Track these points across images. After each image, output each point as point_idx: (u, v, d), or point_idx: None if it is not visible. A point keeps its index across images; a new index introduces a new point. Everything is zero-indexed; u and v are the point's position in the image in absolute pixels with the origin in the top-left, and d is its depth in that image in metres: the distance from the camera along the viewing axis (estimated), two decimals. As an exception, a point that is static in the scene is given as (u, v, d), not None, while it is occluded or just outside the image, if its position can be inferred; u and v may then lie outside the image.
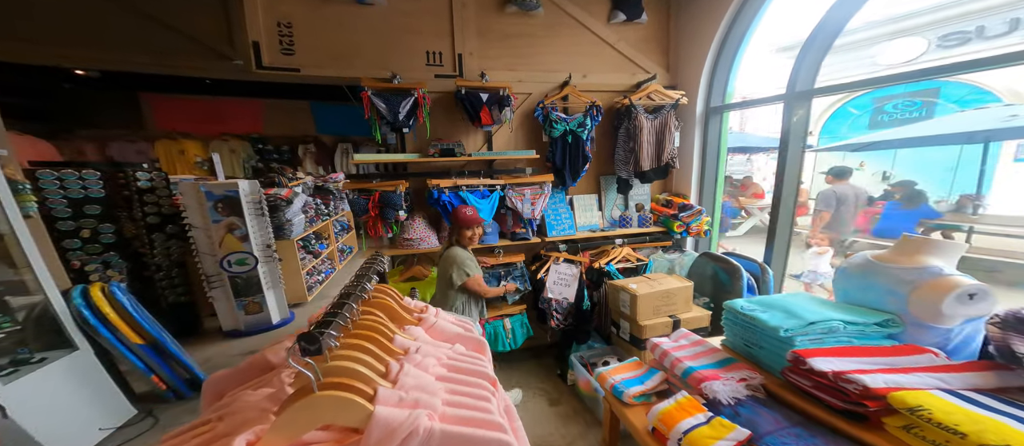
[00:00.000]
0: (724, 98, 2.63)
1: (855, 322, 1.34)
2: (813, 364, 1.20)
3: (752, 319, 1.48)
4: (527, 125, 2.92)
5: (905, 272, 1.32)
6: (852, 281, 1.52)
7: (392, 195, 2.62)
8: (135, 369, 2.58)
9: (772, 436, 1.16)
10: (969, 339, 1.25)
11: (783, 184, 2.16)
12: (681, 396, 1.46)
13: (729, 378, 1.42)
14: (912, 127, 6.10)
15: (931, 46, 6.91)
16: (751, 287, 2.27)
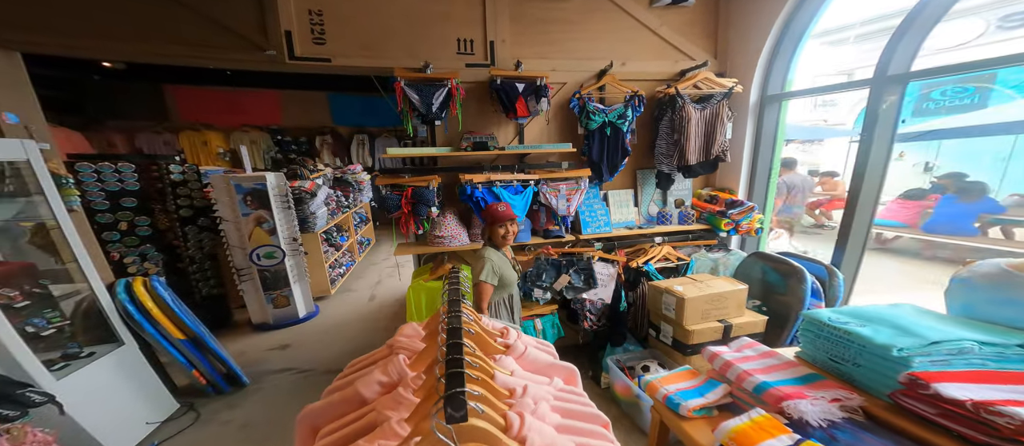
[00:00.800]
0: (784, 85, 2.42)
1: (992, 343, 1.16)
2: (941, 390, 1.05)
3: (847, 334, 1.33)
4: (560, 117, 2.78)
5: None
6: (981, 294, 1.34)
7: (425, 191, 2.53)
8: (175, 363, 2.59)
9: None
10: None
11: (863, 178, 1.96)
12: (756, 414, 1.32)
13: (818, 397, 1.27)
14: (968, 115, 5.68)
15: (990, 27, 6.39)
16: (816, 292, 2.11)
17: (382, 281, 5.37)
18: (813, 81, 2.20)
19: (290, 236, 3.87)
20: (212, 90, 6.51)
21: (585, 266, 2.33)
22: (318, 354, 3.45)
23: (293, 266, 3.94)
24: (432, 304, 2.67)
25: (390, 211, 2.59)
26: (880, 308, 1.47)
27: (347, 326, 4.01)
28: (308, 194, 4.23)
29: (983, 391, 1.03)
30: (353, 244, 5.98)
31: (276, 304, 3.93)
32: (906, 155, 7.93)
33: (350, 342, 3.66)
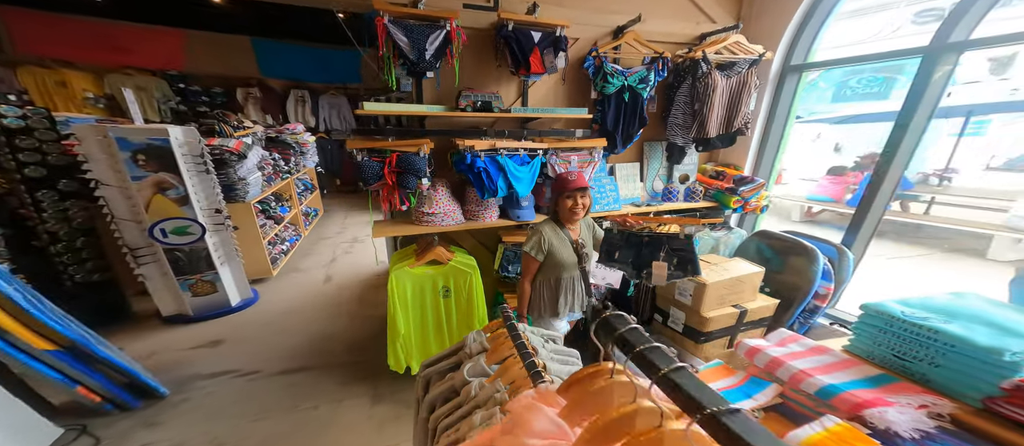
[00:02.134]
0: (808, 55, 2.32)
1: None
2: None
3: (934, 331, 1.22)
4: (570, 78, 2.43)
5: None
6: None
7: (414, 158, 2.06)
8: (48, 379, 1.91)
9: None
10: None
11: (893, 158, 1.94)
12: (830, 422, 1.17)
13: (905, 404, 1.17)
14: (876, 103, 6.41)
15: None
16: (826, 274, 2.12)
17: (338, 258, 4.71)
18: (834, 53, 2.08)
19: (211, 207, 3.09)
20: (70, 19, 4.99)
21: (684, 247, 1.68)
22: (266, 350, 2.88)
23: (218, 244, 3.19)
24: (419, 295, 2.27)
25: (368, 182, 2.09)
26: (949, 299, 1.40)
27: (298, 313, 3.41)
28: (234, 155, 3.41)
29: None
30: (297, 216, 5.14)
31: (196, 291, 3.19)
32: (823, 136, 8.91)
33: (305, 333, 3.10)
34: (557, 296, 1.86)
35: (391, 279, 2.20)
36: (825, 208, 6.08)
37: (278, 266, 4.21)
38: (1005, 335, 1.13)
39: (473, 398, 1.04)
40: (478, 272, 2.27)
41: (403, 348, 2.32)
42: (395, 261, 2.36)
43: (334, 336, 3.04)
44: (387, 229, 2.28)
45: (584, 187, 1.73)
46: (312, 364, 2.69)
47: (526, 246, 1.79)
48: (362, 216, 6.64)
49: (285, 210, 4.67)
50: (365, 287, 3.90)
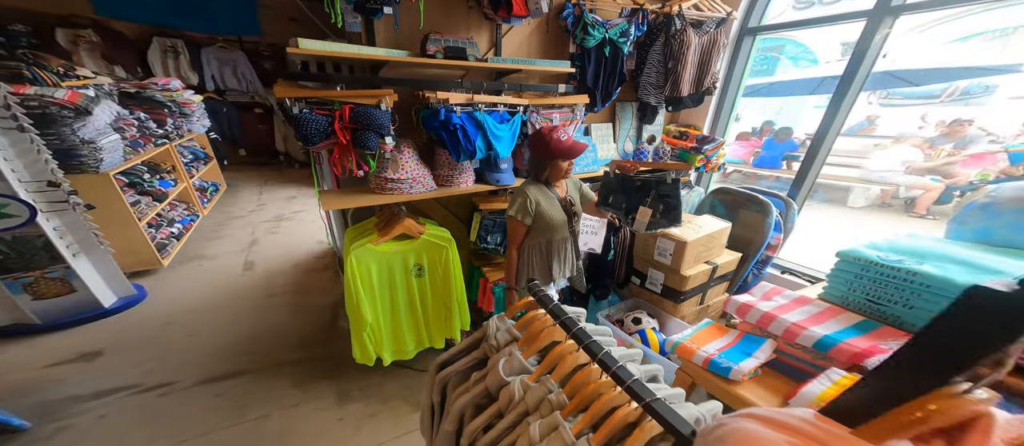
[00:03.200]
0: (762, 19, 2.41)
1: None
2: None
3: (911, 273, 1.25)
4: (544, 28, 2.21)
5: None
6: (1004, 218, 1.37)
7: (374, 112, 1.70)
8: None
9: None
10: None
11: (834, 116, 2.13)
12: (836, 375, 1.19)
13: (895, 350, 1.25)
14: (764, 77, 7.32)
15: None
16: (777, 225, 2.32)
17: (260, 240, 3.98)
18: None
19: (38, 178, 2.30)
20: None
21: (670, 192, 1.60)
22: (174, 357, 2.35)
23: (62, 228, 2.44)
24: (387, 276, 1.98)
25: (310, 141, 1.68)
26: (912, 241, 1.47)
27: (215, 310, 2.82)
28: (68, 110, 2.53)
29: None
30: (188, 192, 4.18)
31: (39, 292, 2.45)
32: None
33: (230, 332, 2.58)
34: (550, 261, 1.78)
35: (349, 261, 1.86)
36: (736, 169, 6.88)
37: (169, 254, 3.42)
38: (980, 273, 1.19)
39: (518, 403, 0.87)
40: (454, 245, 2.04)
41: (371, 338, 2.03)
42: (351, 239, 2.01)
43: (272, 332, 2.57)
44: (339, 200, 1.90)
45: (585, 147, 1.64)
46: (248, 367, 2.24)
47: (511, 209, 1.66)
48: (283, 190, 5.73)
49: (168, 184, 3.75)
50: (303, 272, 3.37)
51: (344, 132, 1.70)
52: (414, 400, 2.09)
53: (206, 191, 4.80)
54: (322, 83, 1.73)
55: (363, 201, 1.92)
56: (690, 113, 2.73)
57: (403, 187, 1.95)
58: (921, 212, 5.11)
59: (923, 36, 7.67)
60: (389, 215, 2.02)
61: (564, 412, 0.79)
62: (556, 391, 0.84)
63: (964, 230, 1.49)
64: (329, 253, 3.65)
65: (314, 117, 1.64)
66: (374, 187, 1.98)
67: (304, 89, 1.66)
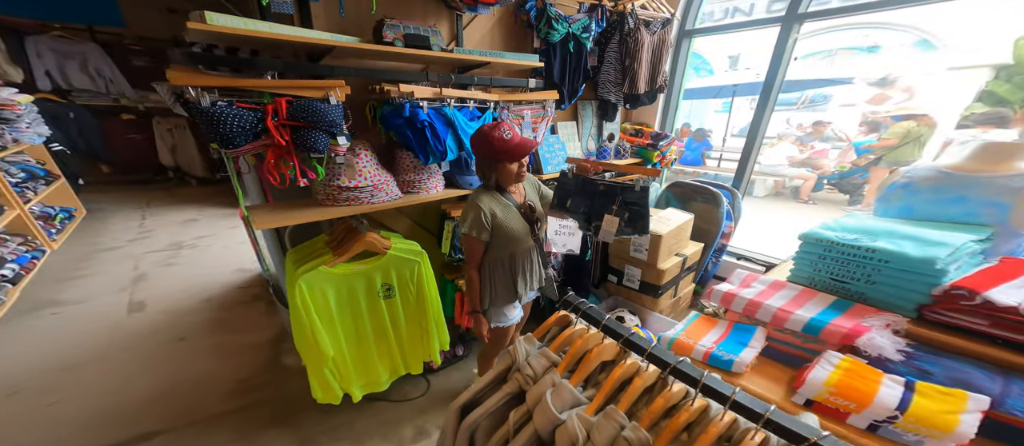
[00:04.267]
0: (695, 22, 2.58)
1: (967, 242, 1.25)
2: (993, 297, 1.08)
3: (871, 251, 1.31)
4: (506, 22, 2.09)
5: (1008, 179, 1.33)
6: (922, 195, 1.51)
7: (322, 107, 1.41)
8: None
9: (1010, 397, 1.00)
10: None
11: (764, 112, 2.35)
12: (836, 359, 1.20)
13: (880, 327, 1.20)
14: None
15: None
16: (729, 214, 2.49)
17: (148, 275, 3.19)
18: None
19: None
20: None
21: (638, 200, 1.53)
22: (24, 437, 1.73)
23: None
24: (348, 302, 1.67)
25: (231, 142, 1.31)
26: (858, 221, 1.54)
27: (87, 368, 2.18)
28: None
29: (1011, 292, 1.08)
30: (23, 221, 3.22)
31: None
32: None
33: (117, 390, 2.04)
34: (514, 277, 1.57)
35: (297, 290, 1.53)
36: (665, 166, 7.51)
37: (3, 305, 2.56)
38: (930, 246, 1.26)
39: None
40: (427, 258, 1.80)
41: (334, 373, 1.69)
42: (294, 263, 1.66)
43: (194, 381, 2.07)
44: (276, 216, 1.55)
45: (535, 144, 1.45)
46: (160, 428, 1.77)
47: (464, 226, 1.47)
48: (177, 212, 4.73)
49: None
50: (223, 307, 2.77)
51: (281, 130, 1.38)
52: (395, 436, 1.80)
53: (53, 219, 3.74)
54: (233, 71, 1.38)
55: (310, 216, 1.59)
56: (641, 112, 2.83)
57: (362, 196, 1.66)
58: (804, 198, 6.07)
59: (787, 51, 9.22)
60: (345, 231, 1.71)
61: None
62: (630, 426, 0.69)
63: (889, 207, 1.63)
64: (258, 282, 3.06)
65: (236, 112, 1.28)
66: (323, 198, 1.66)
67: (213, 77, 1.29)
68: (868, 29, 8.44)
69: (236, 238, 3.93)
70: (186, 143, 6.01)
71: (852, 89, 8.26)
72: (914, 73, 8.09)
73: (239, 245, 3.75)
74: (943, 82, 7.77)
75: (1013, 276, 1.20)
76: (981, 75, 7.56)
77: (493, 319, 1.65)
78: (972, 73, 7.66)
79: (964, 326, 1.16)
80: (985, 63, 7.54)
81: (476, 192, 1.51)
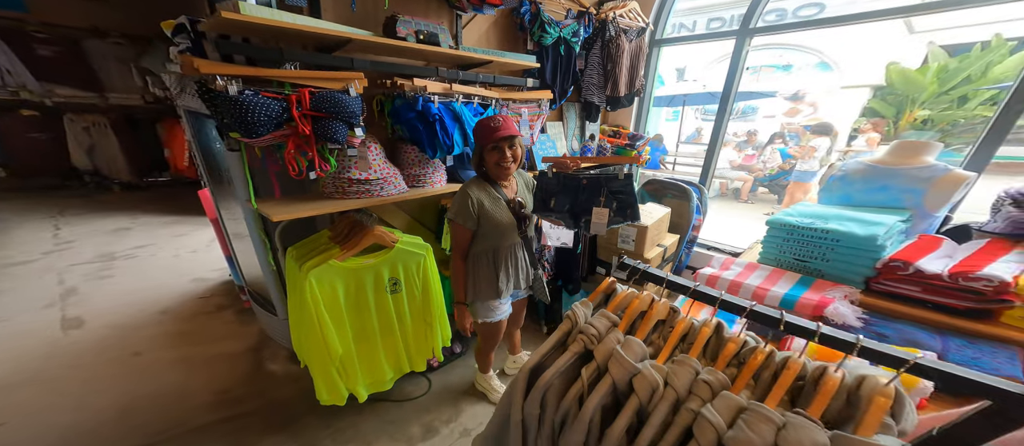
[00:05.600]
0: (663, 32, 2.85)
1: (896, 222, 1.48)
2: (923, 266, 1.29)
3: (826, 231, 1.55)
4: (501, 24, 2.17)
5: (919, 171, 1.63)
6: (856, 185, 1.79)
7: (343, 98, 1.40)
8: None
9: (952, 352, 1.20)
10: (934, 223, 1.69)
11: (724, 114, 2.65)
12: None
13: (841, 298, 1.40)
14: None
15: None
16: (698, 208, 2.76)
17: (80, 289, 2.78)
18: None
19: None
20: None
21: (623, 188, 1.51)
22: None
23: None
24: (356, 296, 1.64)
25: (255, 131, 1.27)
26: (806, 207, 1.82)
27: (19, 390, 1.90)
28: None
29: (935, 262, 1.31)
30: None
31: None
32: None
33: (74, 410, 1.80)
34: (496, 272, 1.57)
35: (307, 285, 1.48)
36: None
37: None
38: (870, 226, 1.51)
39: (663, 392, 0.76)
40: (432, 252, 1.80)
41: (342, 372, 1.64)
42: (298, 258, 1.60)
43: (163, 396, 1.88)
44: (289, 209, 1.49)
45: (512, 135, 1.42)
46: (142, 442, 1.58)
47: (451, 212, 1.49)
48: (100, 221, 4.16)
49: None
50: (183, 319, 2.52)
51: (305, 121, 1.34)
52: (402, 436, 1.76)
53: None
54: (248, 62, 1.33)
55: (324, 207, 1.54)
56: (618, 114, 3.04)
57: (372, 189, 1.64)
58: (744, 198, 6.80)
59: (719, 68, 10.28)
60: (350, 225, 1.67)
61: (734, 391, 0.74)
62: (705, 370, 0.77)
63: (831, 196, 1.91)
64: (222, 291, 2.79)
65: (263, 101, 1.24)
66: (332, 191, 1.61)
67: (241, 66, 1.24)
68: (782, 50, 9.70)
69: (186, 246, 3.56)
70: (107, 143, 5.31)
71: (773, 102, 9.43)
72: (818, 90, 9.44)
73: (191, 254, 3.40)
74: (838, 98, 9.17)
75: (931, 249, 1.46)
76: (865, 93, 9.05)
77: (480, 314, 1.67)
78: (858, 91, 9.14)
79: (902, 294, 1.38)
80: (867, 83, 9.06)
81: (468, 182, 1.53)
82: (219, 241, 2.29)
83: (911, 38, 8.69)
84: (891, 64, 8.36)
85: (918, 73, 7.97)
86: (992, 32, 7.28)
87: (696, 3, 9.68)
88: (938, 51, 8.02)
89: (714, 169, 2.90)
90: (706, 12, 9.60)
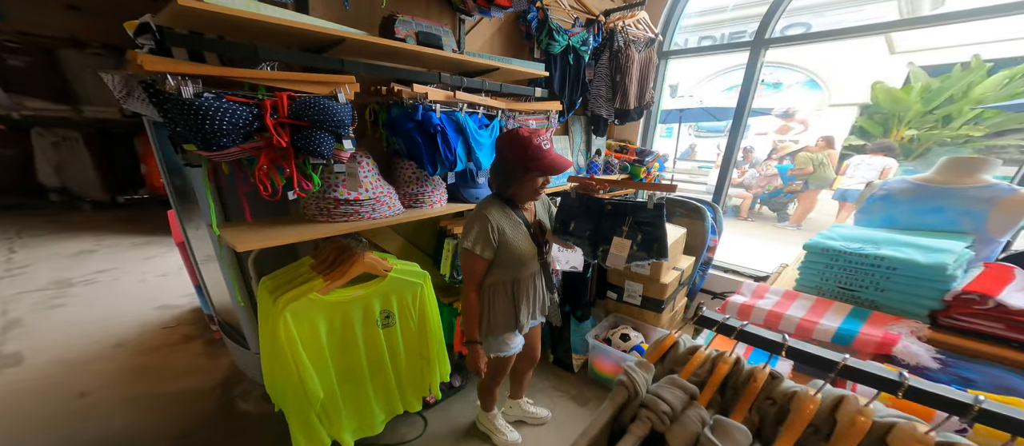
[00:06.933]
0: (670, 44, 2.73)
1: (962, 249, 1.31)
2: (1006, 301, 1.13)
3: (880, 258, 1.35)
4: (505, 31, 2.01)
5: (978, 191, 1.45)
6: (902, 206, 1.60)
7: (330, 105, 1.19)
8: None
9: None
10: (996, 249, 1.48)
11: (738, 131, 2.52)
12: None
13: (907, 334, 1.20)
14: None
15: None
16: (713, 228, 2.59)
17: (22, 320, 2.48)
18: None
19: None
20: None
21: (652, 219, 1.34)
22: None
23: None
24: (341, 333, 1.41)
25: (216, 143, 1.02)
26: (857, 230, 1.61)
27: None
28: None
29: (1015, 295, 1.14)
30: None
31: None
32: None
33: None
34: (517, 304, 1.40)
35: (282, 322, 1.25)
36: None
37: None
38: (935, 253, 1.30)
39: None
40: (429, 280, 1.58)
41: (324, 417, 1.39)
42: (273, 291, 1.36)
43: (111, 441, 1.56)
44: (259, 235, 1.26)
45: (569, 164, 1.31)
46: None
47: (467, 240, 1.30)
48: (62, 243, 3.85)
49: None
50: (142, 352, 2.24)
51: (281, 130, 1.13)
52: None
53: None
54: (224, 62, 1.12)
55: (303, 234, 1.31)
56: (624, 129, 2.89)
57: (363, 210, 1.42)
58: (743, 216, 6.71)
59: (710, 85, 10.39)
60: (337, 251, 1.44)
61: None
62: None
63: (871, 218, 1.72)
64: (191, 319, 2.51)
65: (227, 106, 1.02)
66: (315, 213, 1.39)
67: (193, 65, 1.02)
68: (772, 68, 9.85)
69: (156, 269, 3.26)
70: (78, 160, 5.01)
71: (764, 119, 9.51)
72: (808, 108, 9.57)
73: (160, 279, 3.10)
74: (828, 116, 9.29)
75: (1006, 280, 1.26)
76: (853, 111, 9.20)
77: (492, 348, 1.48)
78: (847, 110, 9.29)
79: (980, 330, 1.18)
80: (854, 102, 9.21)
81: (484, 202, 1.36)
82: (186, 267, 2.03)
83: (892, 58, 8.89)
84: (876, 83, 8.51)
85: (903, 92, 8.11)
86: (971, 53, 7.46)
87: (686, 21, 9.81)
88: (918, 71, 8.20)
89: (728, 185, 2.75)
90: (697, 30, 9.72)
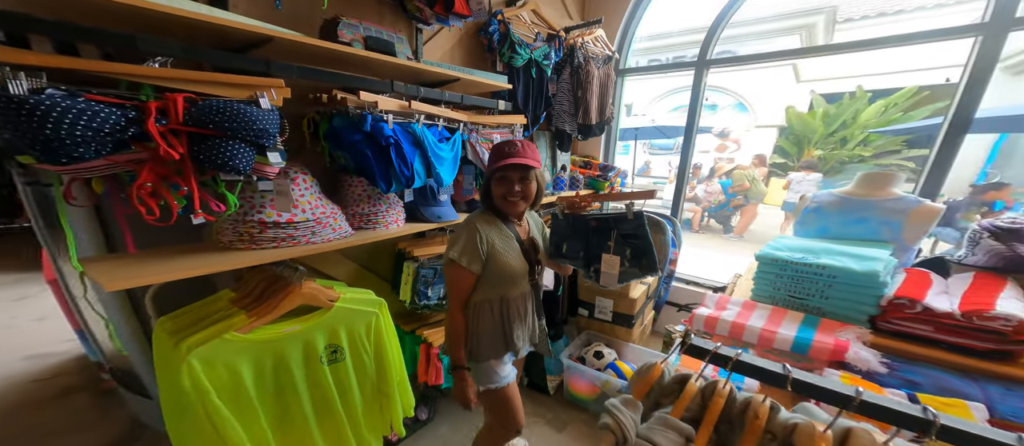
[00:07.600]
0: (625, 63, 2.78)
1: (889, 257, 1.38)
2: (932, 304, 1.18)
3: (823, 267, 1.41)
4: (466, 43, 1.91)
5: (893, 202, 1.55)
6: (832, 217, 1.69)
7: (246, 111, 0.99)
8: None
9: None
10: (911, 256, 1.64)
11: (689, 146, 2.60)
12: (835, 376, 1.20)
13: (854, 339, 1.26)
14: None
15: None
16: (673, 241, 2.61)
17: None
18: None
19: None
20: None
21: (636, 231, 1.23)
22: None
23: None
24: (274, 377, 1.18)
25: (70, 155, 0.76)
26: (794, 241, 1.69)
27: None
28: None
29: (941, 299, 1.22)
30: None
31: None
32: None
33: None
34: (508, 325, 1.28)
35: (184, 370, 1.00)
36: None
37: None
38: (867, 261, 1.38)
39: None
40: (386, 308, 1.38)
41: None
42: (172, 333, 1.10)
43: None
44: (140, 270, 1.01)
45: (523, 165, 1.16)
46: None
47: (453, 250, 1.20)
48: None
49: None
50: (9, 410, 1.75)
51: (173, 139, 0.90)
52: None
53: None
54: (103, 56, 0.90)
55: (207, 265, 1.07)
56: (587, 145, 2.88)
57: (297, 235, 1.21)
58: (696, 228, 7.06)
59: (660, 104, 11.02)
60: (266, 282, 1.21)
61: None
62: None
63: (807, 229, 1.82)
64: (70, 369, 2.05)
65: (84, 107, 0.78)
66: (231, 239, 1.16)
67: (34, 54, 0.79)
68: (709, 90, 10.66)
69: (28, 312, 2.70)
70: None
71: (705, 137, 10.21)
72: (739, 128, 10.43)
73: (35, 323, 2.56)
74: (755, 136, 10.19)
75: (926, 285, 1.37)
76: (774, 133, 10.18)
77: (480, 380, 1.32)
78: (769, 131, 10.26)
79: (913, 333, 1.26)
80: (775, 124, 10.21)
81: (474, 214, 1.28)
82: (63, 309, 1.64)
83: (799, 86, 10.00)
84: (789, 107, 9.48)
85: (809, 116, 9.10)
86: (855, 84, 8.58)
87: (637, 45, 10.41)
88: (818, 98, 9.31)
89: (683, 199, 2.81)
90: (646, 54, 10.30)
